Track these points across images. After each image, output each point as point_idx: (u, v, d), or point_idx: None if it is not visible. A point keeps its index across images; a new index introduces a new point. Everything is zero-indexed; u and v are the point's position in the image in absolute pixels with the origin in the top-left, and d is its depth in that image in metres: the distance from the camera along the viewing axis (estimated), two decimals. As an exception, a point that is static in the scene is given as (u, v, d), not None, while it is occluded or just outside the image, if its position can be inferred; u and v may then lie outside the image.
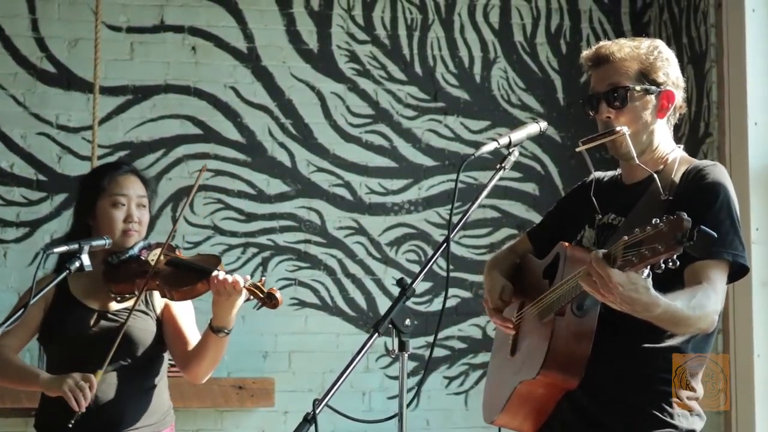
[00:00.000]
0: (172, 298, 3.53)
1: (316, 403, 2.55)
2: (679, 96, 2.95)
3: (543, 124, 2.98)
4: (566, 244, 2.91)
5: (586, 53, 2.99)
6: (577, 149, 2.93)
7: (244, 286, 3.40)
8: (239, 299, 3.41)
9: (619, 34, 5.90)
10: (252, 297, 3.42)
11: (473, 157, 2.81)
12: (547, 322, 2.81)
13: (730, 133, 5.21)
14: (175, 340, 3.59)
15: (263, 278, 3.50)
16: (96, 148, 5.26)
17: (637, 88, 2.88)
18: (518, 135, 2.91)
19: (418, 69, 5.80)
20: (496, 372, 3.16)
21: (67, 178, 5.41)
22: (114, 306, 3.57)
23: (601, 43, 2.98)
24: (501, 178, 2.91)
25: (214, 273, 3.40)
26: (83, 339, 3.50)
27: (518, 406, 2.89)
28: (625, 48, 2.92)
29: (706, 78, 5.40)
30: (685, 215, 2.34)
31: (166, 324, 3.60)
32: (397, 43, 5.79)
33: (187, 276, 3.48)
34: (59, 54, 5.48)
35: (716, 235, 2.39)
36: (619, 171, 3.06)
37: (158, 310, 3.61)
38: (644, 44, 2.94)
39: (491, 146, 2.86)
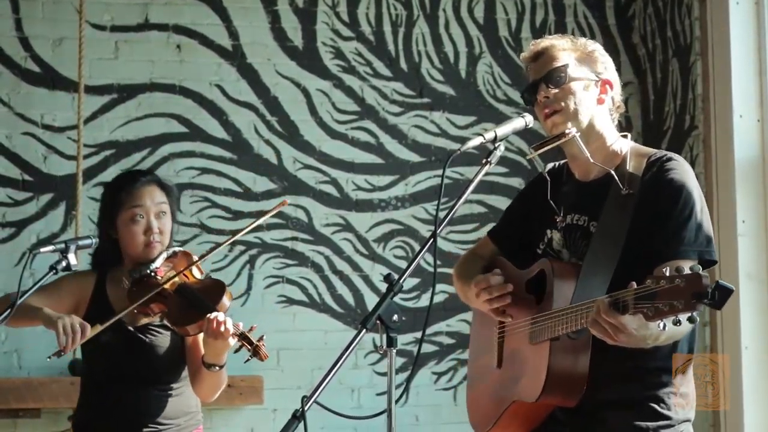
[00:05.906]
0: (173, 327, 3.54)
1: (305, 400, 2.54)
2: (617, 91, 2.95)
3: (528, 119, 2.97)
4: (549, 261, 2.88)
5: (524, 53, 3.00)
6: (528, 157, 2.91)
7: (234, 333, 3.37)
8: (226, 345, 3.39)
9: (604, 28, 5.91)
10: (241, 347, 3.42)
11: (459, 152, 2.81)
12: (541, 345, 2.79)
13: (716, 126, 5.22)
14: (189, 357, 3.59)
15: (254, 326, 3.47)
16: (81, 147, 5.25)
17: (575, 70, 2.89)
18: (504, 130, 2.90)
19: (403, 65, 5.79)
20: (480, 379, 3.13)
21: (52, 177, 5.40)
22: (139, 320, 3.57)
23: (538, 40, 2.99)
24: (487, 173, 2.90)
25: (211, 315, 3.37)
26: (110, 349, 3.50)
27: (511, 419, 2.90)
28: (562, 41, 2.95)
29: (691, 71, 5.41)
30: (705, 274, 2.34)
31: (184, 340, 3.60)
32: (382, 40, 5.79)
33: (188, 312, 3.45)
34: (44, 53, 5.46)
35: (732, 288, 2.38)
36: (565, 161, 3.04)
37: None
38: (582, 40, 2.97)
39: (477, 141, 2.84)
